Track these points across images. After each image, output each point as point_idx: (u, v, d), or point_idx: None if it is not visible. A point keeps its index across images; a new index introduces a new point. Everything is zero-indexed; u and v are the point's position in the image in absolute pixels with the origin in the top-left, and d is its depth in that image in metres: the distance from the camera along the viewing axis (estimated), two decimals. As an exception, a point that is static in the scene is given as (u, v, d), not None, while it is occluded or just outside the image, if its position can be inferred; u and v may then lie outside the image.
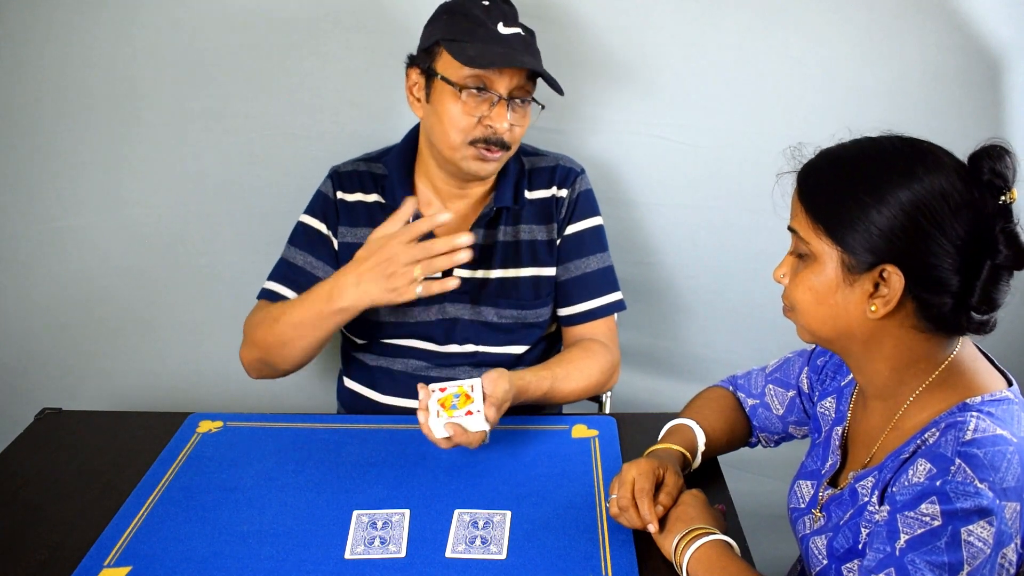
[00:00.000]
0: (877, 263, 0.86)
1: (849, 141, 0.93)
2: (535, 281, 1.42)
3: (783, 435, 1.21)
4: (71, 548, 1.05)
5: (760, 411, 1.20)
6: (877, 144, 0.90)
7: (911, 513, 0.82)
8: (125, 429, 1.30)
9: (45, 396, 1.60)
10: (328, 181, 1.44)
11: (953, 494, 0.79)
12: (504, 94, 1.28)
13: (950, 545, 0.78)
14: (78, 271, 1.67)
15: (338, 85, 1.57)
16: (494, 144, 1.30)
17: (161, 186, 1.63)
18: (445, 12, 1.32)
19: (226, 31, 1.51)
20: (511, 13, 1.32)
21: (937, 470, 0.82)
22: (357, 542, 1.05)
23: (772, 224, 1.65)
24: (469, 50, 1.25)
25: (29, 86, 1.53)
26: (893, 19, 1.46)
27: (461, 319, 1.41)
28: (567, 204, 1.43)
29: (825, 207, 0.89)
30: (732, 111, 1.56)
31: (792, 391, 1.17)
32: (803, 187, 0.92)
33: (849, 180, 0.88)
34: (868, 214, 0.85)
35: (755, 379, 1.22)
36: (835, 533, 0.95)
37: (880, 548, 0.83)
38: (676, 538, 0.99)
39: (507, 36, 1.28)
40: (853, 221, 0.86)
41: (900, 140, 0.90)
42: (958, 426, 0.84)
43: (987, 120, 1.50)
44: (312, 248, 1.41)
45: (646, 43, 1.52)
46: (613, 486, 1.06)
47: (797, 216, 0.93)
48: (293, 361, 1.34)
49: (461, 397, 1.13)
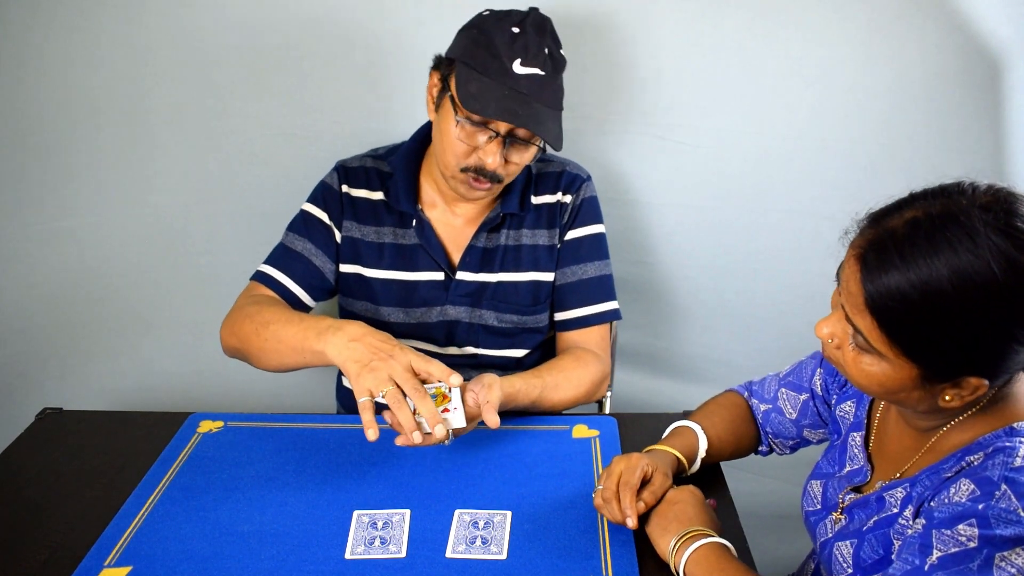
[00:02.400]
0: (959, 376, 0.82)
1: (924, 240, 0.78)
2: (535, 286, 1.42)
3: (798, 440, 1.19)
4: (71, 548, 1.05)
5: (773, 416, 1.19)
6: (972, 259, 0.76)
7: (947, 531, 0.80)
8: (125, 429, 1.30)
9: (45, 396, 1.61)
10: (334, 174, 1.43)
11: (995, 520, 0.78)
12: (502, 132, 1.25)
13: (982, 568, 0.77)
14: (78, 271, 1.67)
15: (338, 85, 1.57)
16: (484, 176, 1.28)
17: (161, 186, 1.63)
18: (475, 27, 1.27)
19: (226, 31, 1.51)
20: (535, 47, 1.23)
21: (981, 493, 0.80)
22: (357, 542, 1.05)
23: (772, 224, 1.67)
24: (472, 87, 1.22)
25: (30, 86, 1.52)
26: (893, 19, 1.46)
27: (461, 322, 1.41)
28: (571, 210, 1.42)
29: (909, 335, 0.81)
30: (732, 111, 1.56)
31: (805, 394, 1.15)
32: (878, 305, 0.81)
33: (939, 315, 0.78)
34: (962, 341, 0.79)
35: (768, 384, 1.21)
36: (860, 540, 0.94)
37: (909, 560, 0.82)
38: (673, 539, 0.98)
39: (520, 77, 1.22)
40: (939, 350, 0.81)
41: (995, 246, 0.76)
42: (1007, 451, 0.82)
43: (987, 120, 1.50)
44: (311, 235, 1.40)
45: (646, 43, 1.52)
46: (601, 477, 1.07)
47: (862, 317, 0.83)
48: (268, 367, 1.30)
49: (438, 397, 1.13)
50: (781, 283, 1.62)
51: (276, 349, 1.24)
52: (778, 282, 1.65)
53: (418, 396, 1.07)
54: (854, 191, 1.59)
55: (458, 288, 1.40)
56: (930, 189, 0.84)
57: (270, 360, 1.28)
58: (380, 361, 1.10)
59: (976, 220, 0.77)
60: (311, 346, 1.18)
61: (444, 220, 1.42)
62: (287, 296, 1.39)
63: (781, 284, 1.63)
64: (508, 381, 1.23)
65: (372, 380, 1.09)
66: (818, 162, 1.58)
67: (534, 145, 1.29)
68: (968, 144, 1.53)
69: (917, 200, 0.83)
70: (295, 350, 1.21)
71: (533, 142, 1.28)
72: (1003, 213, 0.77)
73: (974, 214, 0.77)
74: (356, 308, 1.44)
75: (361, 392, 1.09)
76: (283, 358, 1.25)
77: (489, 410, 1.14)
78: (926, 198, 0.82)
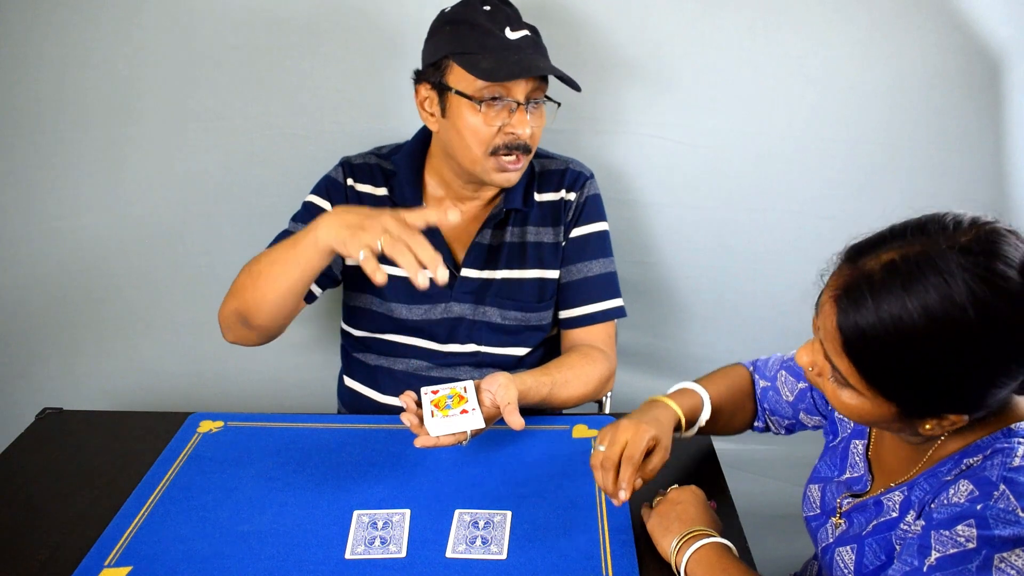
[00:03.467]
0: (940, 413, 0.82)
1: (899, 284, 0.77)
2: (539, 283, 1.42)
3: (794, 421, 1.19)
4: (71, 548, 1.05)
5: (771, 394, 1.19)
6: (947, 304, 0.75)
7: (946, 532, 0.80)
8: (125, 429, 1.30)
9: (45, 396, 1.60)
10: (339, 168, 1.43)
11: (993, 520, 0.77)
12: (522, 99, 1.27)
13: (981, 569, 0.77)
14: (78, 271, 1.67)
15: (338, 85, 1.57)
16: (516, 149, 1.29)
17: (161, 186, 1.63)
18: (448, 23, 1.29)
19: (226, 31, 1.51)
20: (515, 15, 1.29)
21: (980, 493, 0.80)
22: (357, 542, 1.05)
23: (772, 224, 1.67)
24: (483, 63, 1.23)
25: (29, 86, 1.52)
26: (893, 19, 1.46)
27: (464, 318, 1.41)
28: (574, 207, 1.43)
29: (885, 378, 0.82)
30: (732, 111, 1.56)
31: (804, 383, 1.15)
32: (854, 348, 0.81)
33: (914, 359, 0.78)
34: (937, 384, 0.79)
35: (772, 363, 1.21)
36: (861, 546, 0.94)
37: (908, 561, 0.82)
38: (675, 540, 0.98)
39: (516, 41, 1.26)
40: (915, 392, 0.81)
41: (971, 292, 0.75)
42: (1005, 452, 0.82)
43: (987, 120, 1.50)
44: None
45: (646, 43, 1.52)
46: (603, 436, 1.05)
47: (839, 358, 0.83)
48: (265, 310, 1.24)
49: (455, 398, 1.13)
50: (781, 283, 1.62)
51: (271, 273, 1.21)
52: (778, 282, 1.65)
53: (415, 242, 1.05)
54: (854, 191, 1.59)
55: (462, 285, 1.40)
56: (911, 223, 0.82)
57: (267, 296, 1.22)
58: (371, 220, 1.08)
59: (953, 264, 0.76)
60: (302, 242, 1.15)
61: None
62: None
63: (781, 284, 1.63)
64: (519, 379, 1.23)
65: (367, 236, 1.07)
66: (818, 162, 1.58)
67: (548, 103, 1.32)
68: (968, 144, 1.53)
69: (896, 238, 0.81)
70: (289, 261, 1.18)
71: (544, 101, 1.32)
72: (983, 256, 0.76)
73: (952, 258, 0.76)
74: (361, 302, 1.44)
75: (359, 248, 1.07)
76: (279, 281, 1.20)
77: (512, 411, 1.13)
78: (905, 236, 0.81)
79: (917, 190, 1.56)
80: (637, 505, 1.11)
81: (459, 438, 1.12)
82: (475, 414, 1.12)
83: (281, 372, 1.81)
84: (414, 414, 1.14)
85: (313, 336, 1.77)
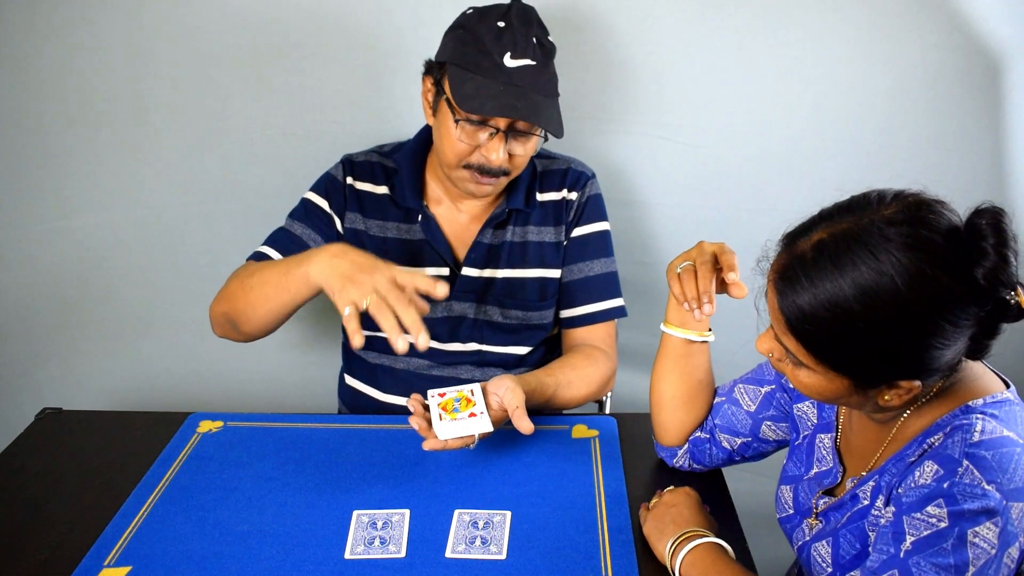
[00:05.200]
0: (890, 380, 0.84)
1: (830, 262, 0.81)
2: (541, 283, 1.42)
3: (750, 438, 1.14)
4: (71, 548, 1.05)
5: (726, 407, 1.15)
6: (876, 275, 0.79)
7: (918, 515, 0.81)
8: (125, 429, 1.30)
9: (45, 396, 1.61)
10: (340, 166, 1.43)
11: (960, 496, 0.79)
12: (503, 127, 1.25)
13: (956, 546, 0.78)
14: (78, 271, 1.67)
15: (338, 85, 1.57)
16: (487, 173, 1.29)
17: (161, 186, 1.63)
18: (461, 27, 1.27)
19: (226, 31, 1.51)
20: (522, 38, 1.22)
21: (944, 472, 0.81)
22: (357, 542, 1.05)
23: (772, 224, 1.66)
24: (467, 86, 1.22)
25: (30, 86, 1.52)
26: (893, 19, 1.46)
27: (466, 317, 1.41)
28: (576, 207, 1.43)
29: (830, 352, 0.84)
30: (732, 111, 1.56)
31: (768, 386, 1.13)
32: (797, 328, 0.85)
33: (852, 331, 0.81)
34: (879, 353, 0.82)
35: (725, 385, 1.19)
36: (836, 538, 0.94)
37: (884, 549, 0.83)
38: (670, 541, 0.99)
39: (512, 70, 1.22)
40: (862, 363, 0.83)
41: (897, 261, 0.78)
42: (964, 428, 0.84)
43: (987, 120, 1.50)
44: (311, 222, 1.39)
45: (646, 43, 1.52)
46: (690, 253, 1.08)
47: (787, 338, 0.87)
48: (255, 322, 1.26)
49: (462, 401, 1.14)
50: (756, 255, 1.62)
51: (262, 293, 1.22)
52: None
53: (401, 306, 1.05)
54: (854, 191, 1.58)
55: (463, 284, 1.40)
56: (840, 204, 0.86)
57: (257, 311, 1.24)
58: (363, 274, 1.09)
59: (878, 236, 0.79)
60: (295, 272, 1.16)
61: (449, 216, 1.42)
62: None
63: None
64: (523, 380, 1.23)
65: (356, 292, 1.07)
66: (818, 162, 1.58)
67: (535, 135, 1.29)
68: (968, 144, 1.53)
69: (824, 219, 0.85)
70: (280, 286, 1.19)
71: (534, 132, 1.28)
72: (907, 224, 0.79)
73: (876, 231, 0.79)
74: None
75: (345, 303, 1.07)
76: (269, 302, 1.22)
77: (521, 416, 1.13)
78: (833, 217, 0.85)
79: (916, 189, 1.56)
80: (636, 505, 1.11)
81: (467, 441, 1.13)
82: (483, 417, 1.12)
83: (281, 372, 1.81)
84: (422, 417, 1.13)
85: (313, 335, 1.77)
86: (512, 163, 1.30)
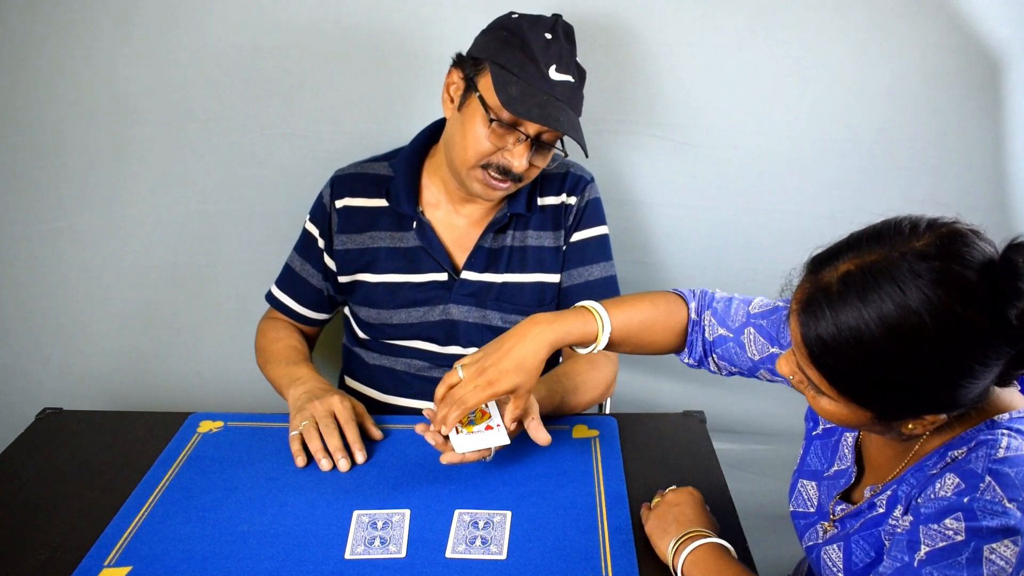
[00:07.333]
0: (915, 415, 0.83)
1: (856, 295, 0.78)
2: (540, 287, 1.42)
3: (747, 375, 1.13)
4: (71, 548, 1.05)
5: (730, 344, 1.11)
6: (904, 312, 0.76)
7: (935, 526, 0.80)
8: (125, 429, 1.30)
9: (45, 396, 1.60)
10: (328, 187, 1.44)
11: (980, 512, 0.78)
12: (532, 134, 1.25)
13: (971, 561, 0.77)
14: (78, 271, 1.67)
15: (338, 85, 1.56)
16: (505, 175, 1.28)
17: (161, 186, 1.63)
18: (506, 29, 1.26)
19: (226, 31, 1.51)
20: (567, 54, 1.25)
21: (966, 486, 0.80)
22: (357, 542, 1.05)
23: (772, 224, 1.67)
24: (512, 89, 1.21)
25: (29, 86, 1.52)
26: (893, 19, 1.46)
27: (465, 322, 1.41)
28: (575, 211, 1.42)
29: (855, 386, 0.83)
30: (732, 111, 1.55)
31: (776, 347, 1.08)
32: (820, 360, 0.82)
33: (878, 367, 0.79)
34: (905, 389, 0.80)
35: (736, 311, 1.12)
36: (848, 543, 0.94)
37: (898, 557, 0.82)
38: (672, 541, 0.98)
39: (556, 83, 1.23)
40: (886, 397, 0.82)
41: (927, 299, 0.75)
42: (989, 443, 0.82)
43: (987, 120, 1.50)
44: (307, 255, 1.45)
45: (646, 43, 1.52)
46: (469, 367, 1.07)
47: (810, 369, 0.85)
48: None
49: (477, 413, 1.13)
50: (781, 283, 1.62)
51: (267, 375, 1.44)
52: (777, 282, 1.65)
53: (327, 432, 1.21)
54: (853, 191, 1.59)
55: (461, 288, 1.40)
56: (868, 230, 0.83)
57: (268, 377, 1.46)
58: (312, 404, 1.24)
59: (908, 271, 0.76)
60: (282, 384, 1.36)
61: (447, 221, 1.42)
62: (297, 316, 1.50)
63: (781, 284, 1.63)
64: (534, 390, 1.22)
65: (298, 419, 1.24)
66: (818, 162, 1.58)
67: (554, 149, 1.31)
68: (968, 144, 1.53)
69: (853, 248, 0.82)
70: (276, 385, 1.40)
71: (554, 146, 1.30)
72: (939, 260, 0.76)
73: (907, 264, 0.76)
74: (362, 314, 1.44)
75: (293, 427, 1.23)
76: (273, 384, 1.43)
77: (537, 427, 1.13)
78: (862, 245, 0.81)
79: (917, 190, 1.56)
80: (636, 505, 1.11)
81: (483, 454, 1.13)
82: (500, 430, 1.12)
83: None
84: (437, 431, 1.12)
85: (313, 336, 1.77)
86: (528, 172, 1.30)
